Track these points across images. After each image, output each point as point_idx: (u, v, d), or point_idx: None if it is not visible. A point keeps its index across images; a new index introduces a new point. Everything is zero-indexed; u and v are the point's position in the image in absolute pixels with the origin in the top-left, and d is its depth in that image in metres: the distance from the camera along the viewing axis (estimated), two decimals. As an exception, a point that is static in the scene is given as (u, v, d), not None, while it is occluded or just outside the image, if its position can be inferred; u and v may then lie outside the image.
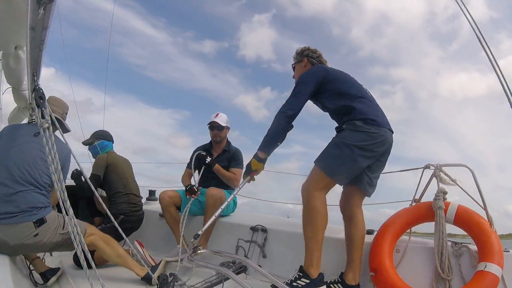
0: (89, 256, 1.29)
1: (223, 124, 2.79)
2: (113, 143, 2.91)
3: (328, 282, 1.81)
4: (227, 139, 2.89)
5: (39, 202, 1.68)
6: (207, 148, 2.91)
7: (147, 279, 1.85)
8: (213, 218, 1.92)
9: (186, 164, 2.88)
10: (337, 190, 1.91)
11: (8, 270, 1.49)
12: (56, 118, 1.91)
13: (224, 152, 2.82)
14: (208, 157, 2.67)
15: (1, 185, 1.62)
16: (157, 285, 1.67)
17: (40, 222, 1.66)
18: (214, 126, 2.80)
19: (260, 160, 1.86)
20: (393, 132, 1.81)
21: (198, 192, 2.56)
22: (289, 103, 1.85)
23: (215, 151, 2.86)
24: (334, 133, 1.88)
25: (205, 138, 2.96)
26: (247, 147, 2.94)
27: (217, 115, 2.82)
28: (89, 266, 1.26)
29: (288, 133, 1.94)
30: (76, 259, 2.09)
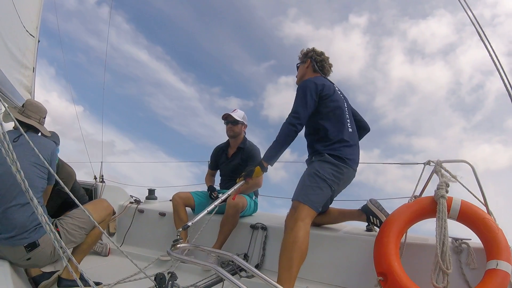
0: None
1: (238, 119, 2.70)
2: None
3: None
4: (244, 136, 2.80)
5: (30, 220, 1.55)
6: (222, 147, 2.88)
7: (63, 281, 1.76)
8: (204, 211, 1.88)
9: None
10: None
11: (9, 274, 1.49)
12: (31, 124, 1.83)
13: (239, 149, 2.75)
14: (214, 194, 2.64)
15: None
16: (155, 285, 1.64)
17: (32, 246, 1.55)
18: (228, 120, 2.72)
19: (264, 169, 1.90)
20: (356, 171, 1.97)
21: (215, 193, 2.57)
22: (297, 115, 1.86)
23: (231, 149, 2.81)
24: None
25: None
26: (264, 208, 3.01)
27: (234, 110, 2.75)
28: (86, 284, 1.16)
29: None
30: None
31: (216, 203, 1.91)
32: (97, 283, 1.87)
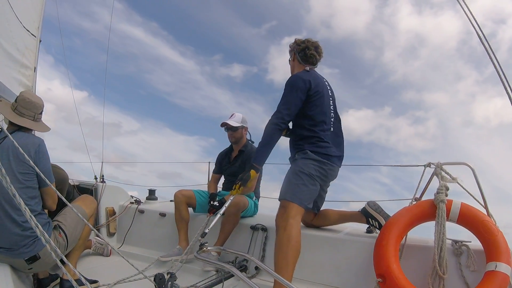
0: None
1: (236, 125, 2.70)
2: None
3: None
4: (246, 139, 2.81)
5: (25, 236, 1.50)
6: (226, 151, 2.89)
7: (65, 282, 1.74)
8: (217, 217, 1.96)
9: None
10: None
11: (9, 275, 1.49)
12: (23, 125, 1.67)
13: (240, 152, 2.77)
14: (214, 203, 2.55)
15: None
16: (154, 285, 1.64)
17: (33, 259, 1.54)
18: (228, 128, 2.75)
19: (257, 170, 1.92)
20: (340, 167, 2.00)
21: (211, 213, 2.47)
22: (281, 114, 1.87)
23: (234, 152, 2.84)
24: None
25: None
26: (272, 175, 2.93)
27: (231, 115, 2.76)
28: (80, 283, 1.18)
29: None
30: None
31: (221, 211, 1.98)
32: (93, 281, 1.89)
